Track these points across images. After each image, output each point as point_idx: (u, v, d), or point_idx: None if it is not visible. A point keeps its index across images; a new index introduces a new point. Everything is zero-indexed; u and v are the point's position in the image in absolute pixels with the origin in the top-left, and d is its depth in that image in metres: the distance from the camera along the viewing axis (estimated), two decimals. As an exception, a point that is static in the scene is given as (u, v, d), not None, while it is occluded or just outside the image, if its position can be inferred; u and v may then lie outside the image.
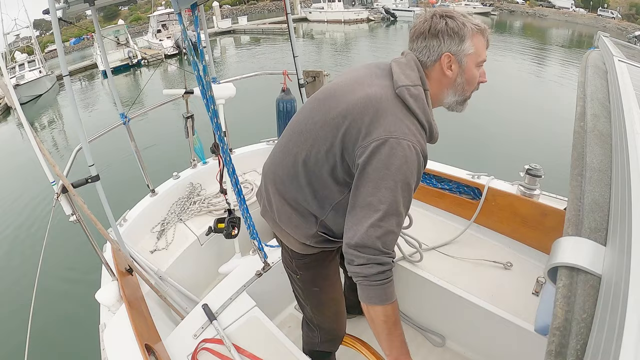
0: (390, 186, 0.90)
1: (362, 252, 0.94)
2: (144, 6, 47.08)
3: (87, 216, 1.71)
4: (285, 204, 1.15)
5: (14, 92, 1.49)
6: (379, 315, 0.99)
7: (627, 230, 0.48)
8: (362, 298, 1.00)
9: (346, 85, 1.05)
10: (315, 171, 1.06)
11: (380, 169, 0.91)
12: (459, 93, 1.05)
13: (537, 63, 15.78)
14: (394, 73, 0.99)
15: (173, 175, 2.95)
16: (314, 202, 1.10)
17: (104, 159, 5.79)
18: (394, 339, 1.02)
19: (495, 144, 7.24)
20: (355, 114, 0.96)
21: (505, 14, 39.61)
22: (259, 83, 3.83)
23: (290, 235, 1.19)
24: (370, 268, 0.94)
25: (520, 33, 27.45)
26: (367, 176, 0.92)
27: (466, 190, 2.12)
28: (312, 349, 1.62)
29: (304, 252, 1.23)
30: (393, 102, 0.95)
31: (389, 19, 33.29)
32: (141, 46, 25.54)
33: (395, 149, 0.90)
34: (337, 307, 1.47)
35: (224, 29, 30.86)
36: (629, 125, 0.75)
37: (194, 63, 1.54)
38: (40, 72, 17.94)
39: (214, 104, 1.65)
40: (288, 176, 1.12)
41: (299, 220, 1.15)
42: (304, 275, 1.33)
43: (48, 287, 4.08)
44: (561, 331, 0.45)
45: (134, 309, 1.64)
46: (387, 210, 0.91)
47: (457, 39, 0.98)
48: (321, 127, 1.03)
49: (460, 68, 1.01)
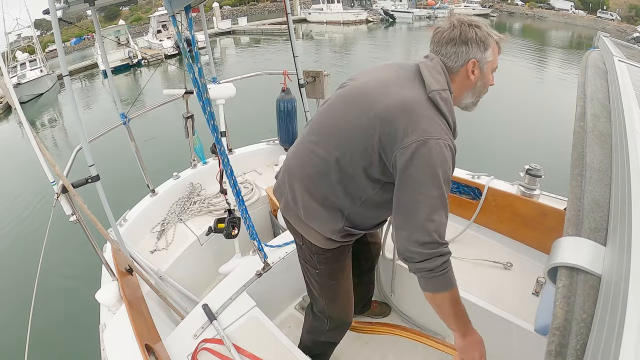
0: (436, 183, 0.98)
1: (423, 249, 0.99)
2: (144, 6, 47.05)
3: (87, 216, 1.71)
4: (313, 201, 1.19)
5: (14, 92, 1.49)
6: (446, 300, 1.07)
7: (627, 230, 0.48)
8: (428, 289, 1.06)
9: (378, 87, 1.10)
10: (349, 169, 1.11)
11: (423, 167, 0.98)
12: (476, 95, 1.16)
13: (537, 63, 15.78)
14: (425, 77, 1.07)
15: (173, 175, 2.95)
16: (344, 198, 1.15)
17: (104, 159, 5.78)
18: (459, 315, 1.11)
19: (495, 144, 7.24)
20: (392, 116, 1.02)
21: (504, 15, 39.61)
22: (259, 83, 3.83)
23: (315, 231, 1.24)
24: (434, 261, 1.00)
25: (519, 34, 27.46)
26: (412, 176, 0.99)
27: (466, 190, 2.12)
28: (316, 339, 1.64)
29: (327, 247, 1.28)
30: (427, 105, 1.03)
31: (387, 20, 33.36)
32: (141, 46, 25.57)
33: (434, 148, 0.98)
34: (349, 297, 1.53)
35: (223, 30, 30.94)
36: (629, 125, 0.75)
37: (188, 65, 1.55)
38: (41, 72, 18.18)
39: (210, 106, 1.65)
40: (318, 174, 1.16)
41: (326, 217, 1.19)
42: (323, 270, 1.38)
43: (48, 287, 4.07)
44: (561, 331, 0.45)
45: (134, 309, 1.64)
46: (436, 204, 0.98)
47: (483, 47, 1.08)
48: (357, 128, 1.08)
49: (481, 73, 1.12)
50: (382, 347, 1.94)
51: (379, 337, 1.98)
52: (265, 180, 3.04)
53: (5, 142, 12.19)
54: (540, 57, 17.36)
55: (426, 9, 36.87)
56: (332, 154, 1.12)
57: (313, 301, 1.56)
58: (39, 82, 17.47)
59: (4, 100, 15.67)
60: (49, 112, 15.37)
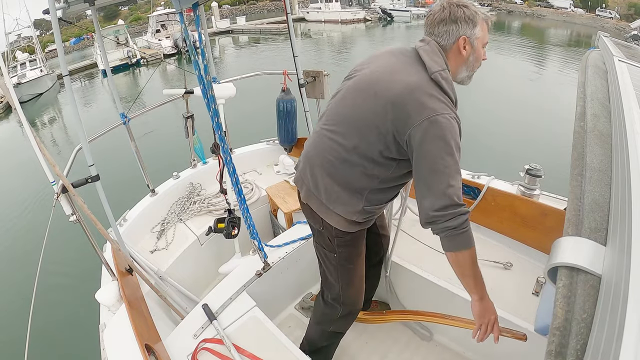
0: (449, 151, 1.09)
1: (446, 211, 1.10)
2: (143, 6, 47.13)
3: (87, 216, 1.71)
4: (335, 185, 1.29)
5: (14, 92, 1.49)
6: (467, 258, 1.17)
7: (627, 230, 0.48)
8: (451, 248, 1.17)
9: (385, 75, 1.20)
10: (367, 153, 1.21)
11: (436, 141, 1.09)
12: (469, 69, 1.26)
13: (537, 63, 15.78)
14: (425, 61, 1.17)
15: (173, 175, 2.95)
16: (365, 179, 1.26)
17: (104, 159, 5.78)
18: (478, 277, 1.21)
19: (495, 143, 7.23)
20: (402, 100, 1.12)
21: (503, 14, 39.62)
22: (259, 83, 3.82)
23: (337, 214, 1.33)
24: (457, 219, 1.11)
25: (518, 33, 27.47)
26: (427, 150, 1.10)
27: (466, 190, 2.12)
28: (325, 329, 1.68)
29: (347, 230, 1.38)
30: (431, 86, 1.14)
31: (385, 19, 33.53)
32: (140, 46, 25.72)
33: (443, 122, 1.09)
34: (362, 282, 1.60)
35: (222, 29, 31.02)
36: (629, 125, 0.75)
37: (195, 62, 1.54)
38: (41, 71, 18.24)
39: (214, 103, 1.65)
40: (339, 159, 1.26)
41: (348, 198, 1.30)
42: (342, 253, 1.46)
43: (48, 287, 4.07)
44: (561, 331, 0.45)
45: (134, 309, 1.64)
46: (452, 172, 1.10)
47: (472, 24, 1.18)
48: (371, 115, 1.18)
49: (472, 48, 1.21)
50: (384, 344, 1.95)
51: (380, 335, 1.98)
52: (265, 180, 3.04)
53: (5, 142, 12.20)
54: (540, 55, 17.35)
55: (424, 7, 36.92)
56: (351, 141, 1.23)
57: (327, 289, 1.62)
58: (39, 81, 17.61)
59: (4, 100, 15.72)
60: (49, 111, 15.50)
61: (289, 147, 3.16)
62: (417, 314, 1.80)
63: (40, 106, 16.11)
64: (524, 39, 23.38)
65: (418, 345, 1.95)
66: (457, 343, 1.89)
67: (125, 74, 19.98)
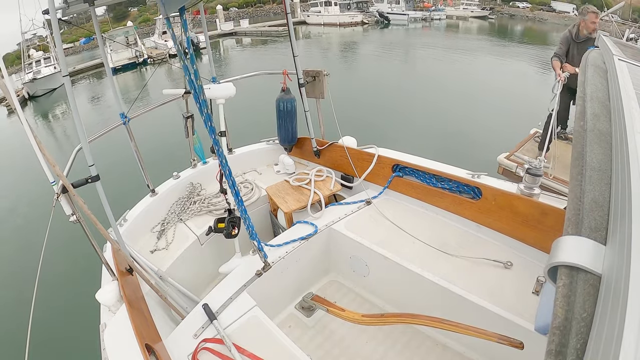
0: None
1: None
2: (152, 7, 47.55)
3: (87, 216, 1.71)
4: None
5: (14, 92, 1.49)
6: None
7: (627, 230, 0.47)
8: None
9: None
10: None
11: None
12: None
13: (537, 62, 15.78)
14: None
15: (173, 175, 2.95)
16: None
17: (104, 159, 5.78)
18: None
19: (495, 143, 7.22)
20: None
21: (505, 18, 39.74)
22: (259, 83, 3.82)
23: None
24: None
25: (520, 37, 27.59)
26: None
27: (466, 190, 2.12)
28: None
29: None
30: None
31: (382, 22, 34.25)
32: (148, 46, 26.62)
33: None
34: None
35: (226, 31, 32.16)
36: (629, 124, 0.75)
37: (184, 67, 1.53)
38: (55, 68, 19.58)
39: (207, 107, 1.64)
40: None
41: None
42: None
43: (48, 287, 4.07)
44: (561, 330, 0.45)
45: (134, 308, 1.64)
46: None
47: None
48: None
49: None
50: (384, 344, 1.95)
51: (380, 335, 1.98)
52: (265, 180, 3.04)
53: (9, 139, 12.31)
54: (540, 54, 17.41)
55: (422, 11, 37.59)
56: None
57: None
58: (53, 77, 18.97)
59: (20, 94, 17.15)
60: (61, 105, 16.77)
61: (289, 147, 3.16)
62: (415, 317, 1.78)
63: (54, 100, 17.89)
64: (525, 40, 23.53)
65: (418, 345, 1.95)
66: (457, 343, 1.89)
67: (133, 72, 21.46)
